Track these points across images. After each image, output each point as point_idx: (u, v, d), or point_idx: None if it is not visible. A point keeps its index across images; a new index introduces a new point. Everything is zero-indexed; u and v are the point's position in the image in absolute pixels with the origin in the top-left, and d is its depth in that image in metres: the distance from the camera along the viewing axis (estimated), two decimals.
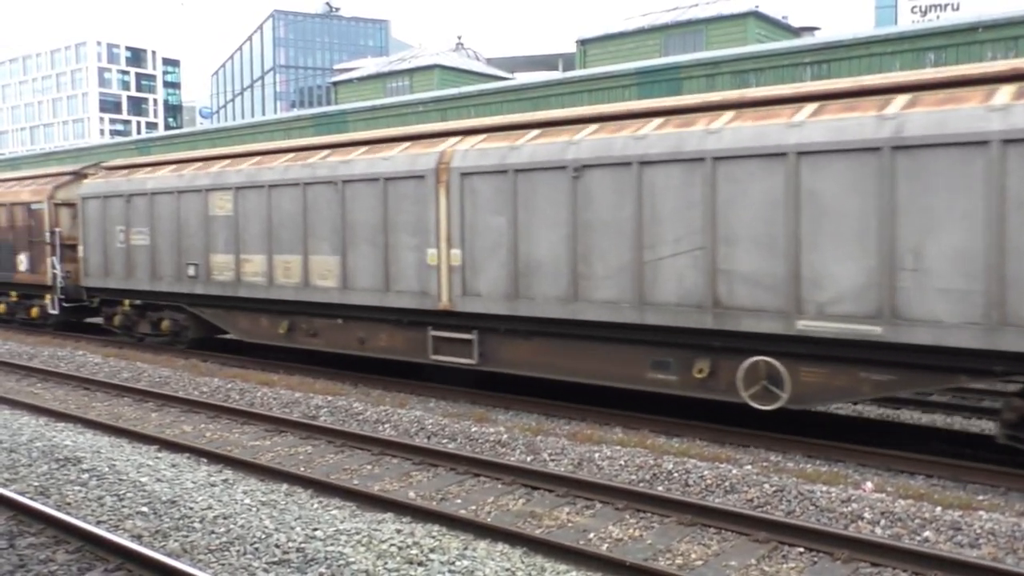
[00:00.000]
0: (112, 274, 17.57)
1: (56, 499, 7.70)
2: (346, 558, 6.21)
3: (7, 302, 21.59)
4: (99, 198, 17.79)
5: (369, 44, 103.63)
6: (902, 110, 8.48)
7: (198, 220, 15.54)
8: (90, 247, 18.07)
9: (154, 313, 17.28)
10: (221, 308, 15.79)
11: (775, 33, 34.84)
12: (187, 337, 16.93)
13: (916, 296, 8.23)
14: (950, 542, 6.63)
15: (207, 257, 15.38)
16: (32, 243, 19.99)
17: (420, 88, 41.38)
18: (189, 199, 15.77)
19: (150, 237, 16.53)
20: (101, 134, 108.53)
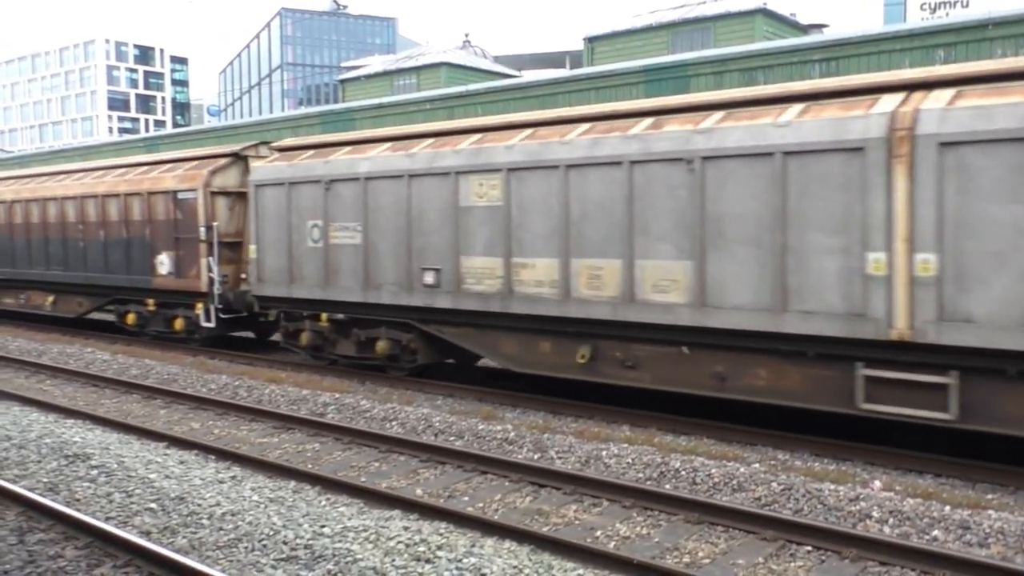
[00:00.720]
0: (300, 280, 14.11)
1: (65, 495, 7.73)
2: (354, 555, 6.22)
3: (140, 312, 17.96)
4: (280, 185, 14.31)
5: (376, 42, 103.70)
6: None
7: (441, 212, 12.11)
8: (266, 246, 14.58)
9: (363, 331, 13.54)
10: (474, 327, 12.13)
11: (783, 30, 34.71)
12: (410, 363, 13.30)
13: None
14: (959, 541, 6.60)
15: (455, 260, 11.95)
16: (179, 241, 16.46)
17: (427, 86, 41.36)
18: (427, 185, 12.27)
19: (362, 234, 13.09)
20: (109, 132, 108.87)
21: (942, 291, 8.22)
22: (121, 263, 17.87)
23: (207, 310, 16.12)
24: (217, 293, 15.76)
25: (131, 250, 17.59)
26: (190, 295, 16.47)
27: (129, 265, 17.64)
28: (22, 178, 21.85)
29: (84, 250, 18.79)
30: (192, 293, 16.37)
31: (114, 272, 18.11)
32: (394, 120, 21.95)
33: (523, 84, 22.02)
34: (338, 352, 14.16)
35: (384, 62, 52.43)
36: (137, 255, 17.49)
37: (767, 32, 33.81)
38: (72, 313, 20.01)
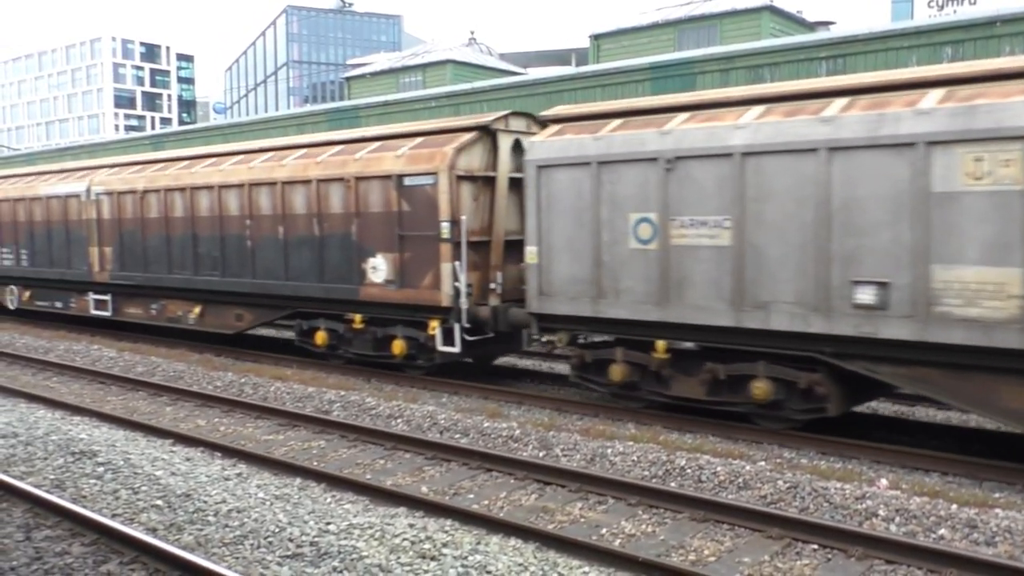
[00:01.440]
0: (614, 295, 10.61)
1: (72, 492, 7.75)
2: (359, 552, 6.23)
3: (334, 329, 14.22)
4: (581, 166, 10.79)
5: (382, 39, 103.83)
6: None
7: (893, 201, 8.59)
8: (554, 248, 11.08)
9: (724, 366, 10.06)
10: (946, 368, 8.61)
11: (790, 27, 34.65)
12: (805, 411, 9.73)
13: None
14: (966, 540, 6.58)
15: (921, 271, 8.45)
16: (405, 240, 12.77)
17: (433, 83, 41.37)
18: (864, 162, 8.77)
19: (732, 232, 9.64)
20: (116, 129, 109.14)
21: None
22: (310, 268, 14.14)
23: (448, 330, 12.48)
24: (464, 308, 12.19)
25: (326, 251, 13.90)
26: (419, 310, 12.82)
27: (322, 270, 13.96)
28: (156, 163, 18.21)
29: (251, 251, 15.09)
30: (424, 308, 12.71)
31: (298, 279, 14.33)
32: (400, 118, 21.92)
33: (529, 81, 22.01)
34: (671, 393, 10.61)
35: (390, 59, 52.47)
36: (335, 258, 13.78)
37: (773, 29, 33.74)
38: (227, 328, 16.17)
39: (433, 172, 12.40)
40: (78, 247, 19.08)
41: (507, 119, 12.98)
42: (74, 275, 19.33)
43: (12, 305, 21.60)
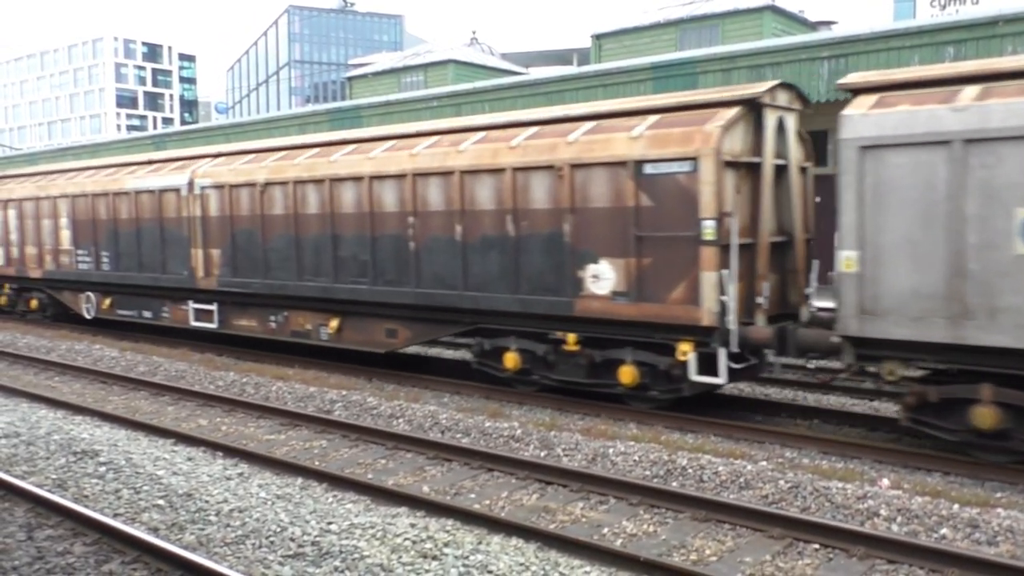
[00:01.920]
0: (984, 316, 8.20)
1: (74, 492, 7.76)
2: (360, 552, 6.23)
3: (532, 351, 11.71)
4: (927, 146, 8.43)
5: (384, 39, 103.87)
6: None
7: None
8: (887, 253, 8.68)
9: None
10: None
11: (792, 27, 34.63)
12: None
13: None
14: (967, 540, 6.58)
15: None
16: (643, 241, 10.34)
17: (434, 83, 41.37)
18: None
19: None
20: (118, 129, 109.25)
21: None
22: (500, 275, 11.70)
23: (707, 355, 10.10)
24: (733, 328, 9.80)
25: (524, 256, 11.47)
26: (661, 329, 10.40)
27: (518, 279, 11.51)
28: (276, 151, 15.47)
29: (415, 254, 12.63)
30: (672, 327, 10.29)
31: (482, 288, 11.89)
32: (402, 117, 21.92)
33: (531, 81, 21.99)
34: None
35: (391, 59, 52.49)
36: (538, 264, 11.33)
37: (775, 29, 33.73)
38: (375, 346, 13.67)
39: (691, 157, 9.88)
40: (176, 249, 16.54)
41: (774, 92, 10.48)
42: (170, 281, 16.75)
43: (89, 314, 19.20)
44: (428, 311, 12.75)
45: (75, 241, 19.08)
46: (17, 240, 20.96)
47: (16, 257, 21.06)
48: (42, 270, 20.24)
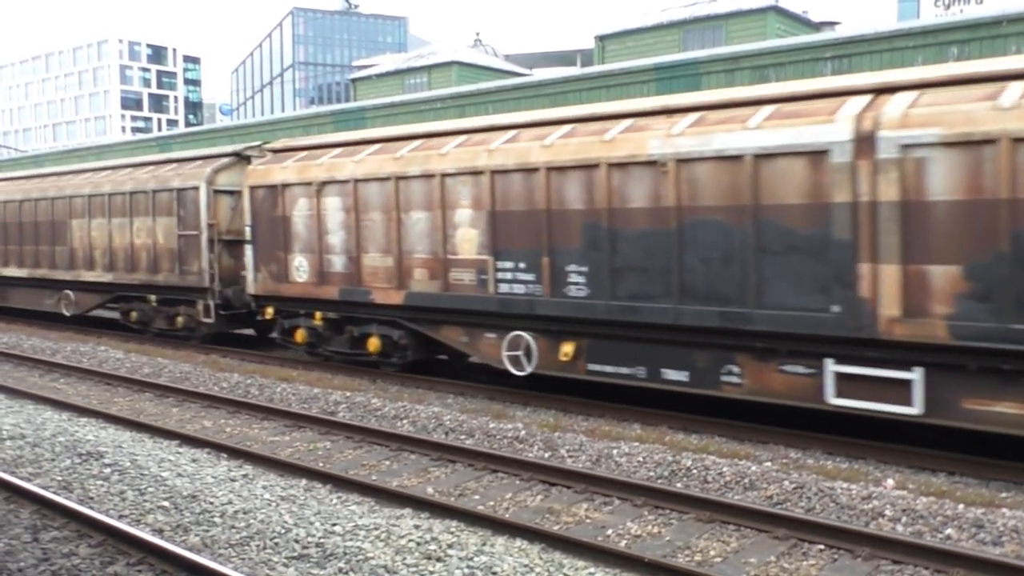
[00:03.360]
0: None
1: (79, 493, 7.77)
2: (365, 553, 6.23)
3: None
4: None
5: (388, 41, 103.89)
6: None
7: None
8: None
9: None
10: None
11: (795, 28, 34.60)
12: None
13: None
14: (972, 540, 6.56)
15: None
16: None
17: (438, 84, 41.40)
18: None
19: None
20: (123, 131, 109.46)
21: None
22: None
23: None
24: None
25: None
26: None
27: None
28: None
29: None
30: None
31: None
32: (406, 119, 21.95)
33: (534, 83, 21.99)
34: None
35: (395, 61, 52.56)
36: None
37: (779, 30, 33.70)
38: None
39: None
40: (770, 263, 9.25)
41: None
42: (776, 321, 9.19)
43: (520, 367, 11.62)
44: None
45: (492, 247, 11.63)
46: (342, 244, 13.52)
47: (343, 270, 13.53)
48: (403, 292, 12.72)
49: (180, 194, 16.84)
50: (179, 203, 16.85)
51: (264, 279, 14.87)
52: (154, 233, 17.52)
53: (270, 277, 14.74)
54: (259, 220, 14.82)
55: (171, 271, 17.12)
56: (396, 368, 13.66)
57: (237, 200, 16.23)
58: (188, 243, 16.71)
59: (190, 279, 16.67)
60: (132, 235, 18.06)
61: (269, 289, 14.81)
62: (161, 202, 17.37)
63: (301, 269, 14.16)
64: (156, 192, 17.47)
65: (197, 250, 16.45)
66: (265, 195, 14.67)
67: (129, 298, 18.72)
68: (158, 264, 17.44)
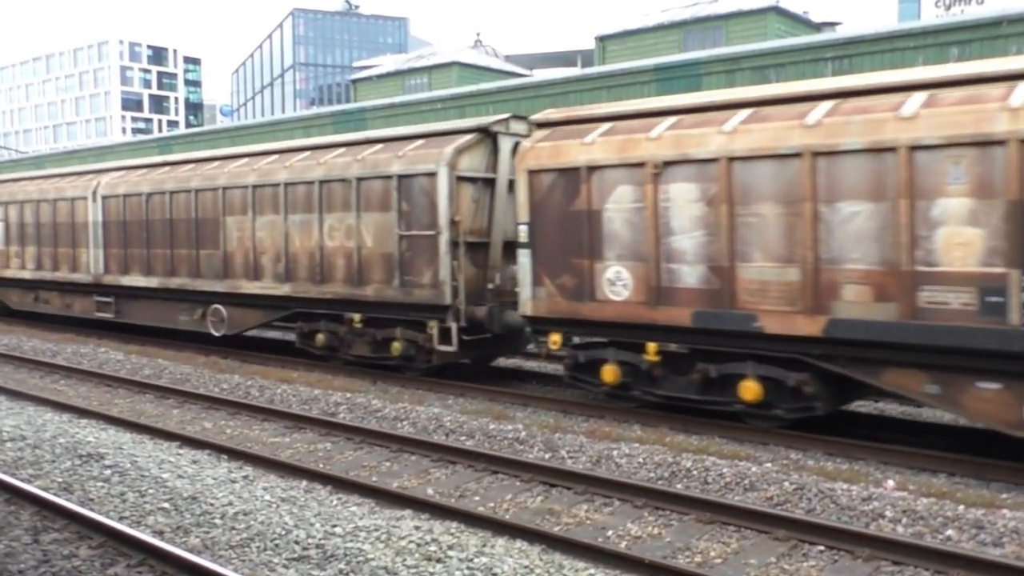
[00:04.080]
0: None
1: (79, 495, 7.77)
2: (365, 554, 6.23)
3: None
4: None
5: (388, 41, 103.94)
6: None
7: None
8: None
9: None
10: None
11: (796, 28, 34.61)
12: None
13: None
14: (973, 541, 6.56)
15: None
16: None
17: (439, 85, 41.41)
18: None
19: None
20: (123, 132, 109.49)
21: None
22: None
23: None
24: None
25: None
26: None
27: None
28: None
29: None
30: None
31: None
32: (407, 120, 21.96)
33: (535, 83, 22.03)
34: None
35: (396, 62, 52.59)
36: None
37: (779, 30, 33.72)
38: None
39: None
40: None
41: None
42: None
43: None
44: None
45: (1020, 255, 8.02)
46: (701, 249, 9.92)
47: (701, 286, 9.97)
48: (821, 318, 9.04)
49: (403, 182, 12.93)
50: (402, 194, 12.97)
51: (550, 296, 11.16)
52: (358, 234, 13.66)
53: (560, 294, 11.04)
54: (543, 216, 11.15)
55: (386, 283, 13.27)
56: (781, 424, 9.80)
57: (481, 190, 12.87)
58: (416, 246, 12.88)
59: (420, 294, 12.86)
60: (322, 236, 14.15)
61: (559, 310, 11.11)
62: (372, 193, 13.40)
63: (619, 283, 10.51)
64: (363, 180, 13.49)
65: (431, 256, 12.63)
66: (555, 182, 11.01)
67: (314, 316, 14.68)
68: (366, 274, 13.59)
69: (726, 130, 9.55)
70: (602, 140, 10.66)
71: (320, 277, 14.17)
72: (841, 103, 9.12)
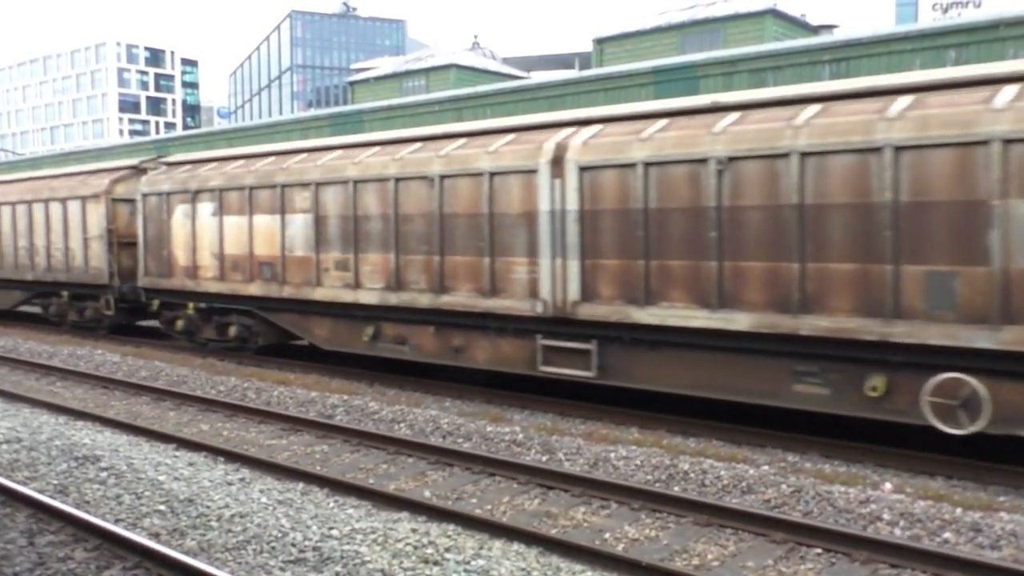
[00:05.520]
0: None
1: (75, 497, 7.75)
2: (362, 557, 6.22)
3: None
4: None
5: (386, 44, 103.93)
6: None
7: None
8: None
9: None
10: None
11: (793, 31, 34.64)
12: None
13: None
14: (970, 544, 6.56)
15: None
16: None
17: (436, 88, 41.41)
18: None
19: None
20: (120, 134, 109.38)
21: None
22: None
23: None
24: None
25: None
26: None
27: None
28: None
29: None
30: None
31: None
32: (405, 122, 21.97)
33: (532, 85, 22.03)
34: None
35: (393, 64, 52.55)
36: None
37: (777, 33, 33.75)
38: None
39: None
40: None
41: None
42: None
43: None
44: None
45: None
46: None
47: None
48: None
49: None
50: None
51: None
52: None
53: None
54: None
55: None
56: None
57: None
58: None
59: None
60: None
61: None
62: None
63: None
64: None
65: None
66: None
67: None
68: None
69: None
70: None
71: None
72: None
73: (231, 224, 15.35)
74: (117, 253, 17.80)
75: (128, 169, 18.69)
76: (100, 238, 18.03)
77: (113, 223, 17.84)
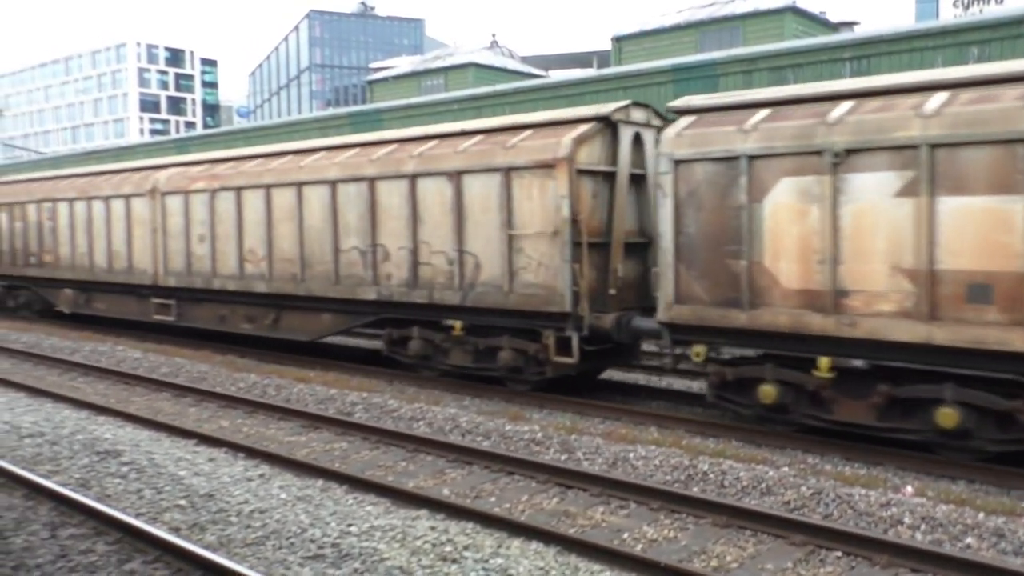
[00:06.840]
0: None
1: (96, 491, 7.82)
2: (380, 554, 6.24)
3: None
4: None
5: (404, 43, 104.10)
6: None
7: None
8: None
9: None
10: None
11: (813, 28, 34.42)
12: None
13: None
14: (993, 549, 6.49)
15: None
16: None
17: (455, 86, 41.46)
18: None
19: None
20: (141, 133, 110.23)
21: None
22: None
23: None
24: None
25: None
26: None
27: None
28: None
29: None
30: None
31: None
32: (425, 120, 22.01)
33: (551, 84, 22.01)
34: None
35: (412, 63, 52.63)
36: None
37: (797, 30, 33.54)
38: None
39: None
40: None
41: None
42: None
43: None
44: None
45: None
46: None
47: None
48: None
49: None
50: None
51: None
52: None
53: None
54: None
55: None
56: None
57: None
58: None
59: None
60: None
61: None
62: None
63: None
64: None
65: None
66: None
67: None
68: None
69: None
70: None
71: None
72: None
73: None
74: (585, 262, 10.99)
75: (595, 122, 11.36)
76: (554, 236, 11.06)
77: (579, 211, 10.97)
